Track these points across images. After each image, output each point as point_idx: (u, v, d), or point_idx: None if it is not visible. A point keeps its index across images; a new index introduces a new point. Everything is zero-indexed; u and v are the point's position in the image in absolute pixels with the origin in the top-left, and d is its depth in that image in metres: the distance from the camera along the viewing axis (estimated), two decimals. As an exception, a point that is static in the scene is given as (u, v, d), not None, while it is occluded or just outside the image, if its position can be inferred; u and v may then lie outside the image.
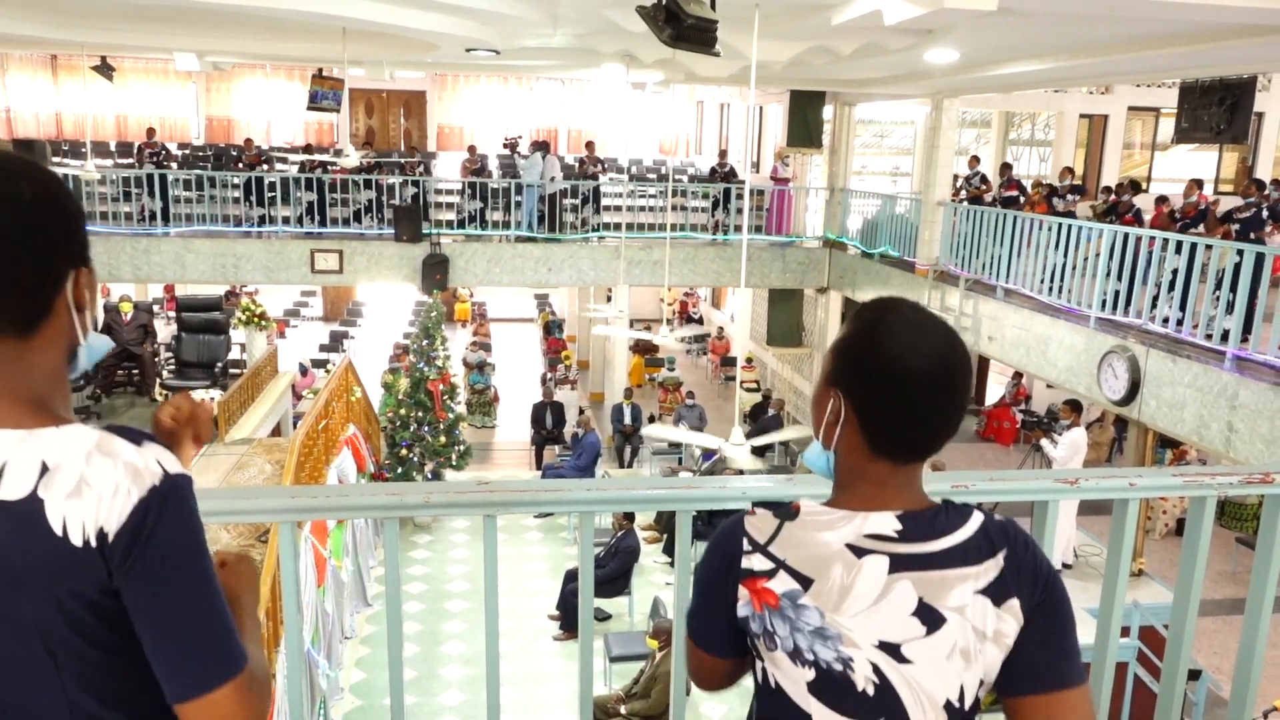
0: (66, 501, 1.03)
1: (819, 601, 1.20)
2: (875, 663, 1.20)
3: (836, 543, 1.21)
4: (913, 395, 1.20)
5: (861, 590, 1.19)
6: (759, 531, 1.25)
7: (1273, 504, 2.13)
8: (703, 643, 1.36)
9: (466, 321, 26.39)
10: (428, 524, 12.03)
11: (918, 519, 1.22)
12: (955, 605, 1.20)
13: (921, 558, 1.20)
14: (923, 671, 1.20)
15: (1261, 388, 7.24)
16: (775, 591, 1.22)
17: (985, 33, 8.51)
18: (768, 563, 1.23)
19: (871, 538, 1.21)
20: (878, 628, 1.19)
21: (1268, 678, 8.14)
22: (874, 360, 1.22)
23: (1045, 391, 17.08)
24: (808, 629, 1.20)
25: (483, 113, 22.48)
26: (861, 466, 1.25)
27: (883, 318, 1.24)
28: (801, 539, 1.22)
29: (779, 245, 15.88)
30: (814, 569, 1.21)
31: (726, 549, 1.28)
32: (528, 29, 9.60)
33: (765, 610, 1.23)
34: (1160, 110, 17.54)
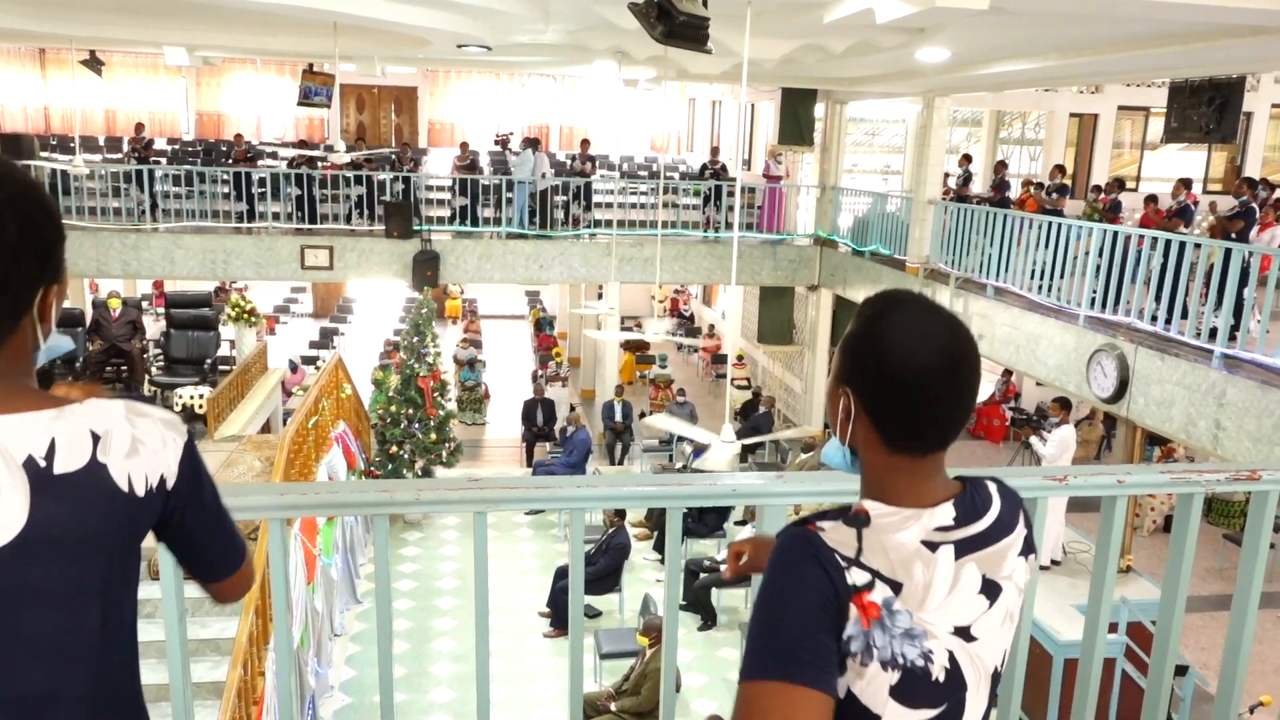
0: (127, 461, 1.20)
1: (908, 604, 1.19)
2: (950, 649, 1.21)
3: (913, 542, 1.21)
4: (918, 393, 1.21)
5: (939, 583, 1.21)
6: (842, 545, 1.19)
7: (1259, 501, 2.15)
8: (815, 680, 1.14)
9: (457, 318, 26.35)
10: (418, 521, 12.02)
11: (962, 502, 1.25)
12: (1007, 574, 1.26)
13: (977, 538, 1.24)
14: (985, 644, 1.24)
15: (1249, 386, 7.28)
16: (877, 603, 1.17)
17: (976, 31, 8.53)
18: (866, 575, 1.18)
19: (939, 530, 1.22)
20: (953, 615, 1.21)
21: (1254, 673, 8.20)
22: (876, 360, 1.22)
23: (1035, 389, 17.15)
24: (900, 633, 1.18)
25: (474, 109, 22.44)
26: (885, 461, 1.25)
27: (885, 314, 1.24)
28: (883, 544, 1.20)
29: (770, 243, 15.89)
30: (901, 572, 1.19)
31: (823, 570, 1.17)
32: (519, 25, 9.58)
33: (871, 625, 1.17)
34: (1150, 110, 17.61)
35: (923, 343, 1.20)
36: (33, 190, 1.18)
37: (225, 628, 7.50)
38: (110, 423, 1.20)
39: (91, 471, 1.17)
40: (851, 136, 19.16)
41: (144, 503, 1.22)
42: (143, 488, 1.21)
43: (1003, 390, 18.06)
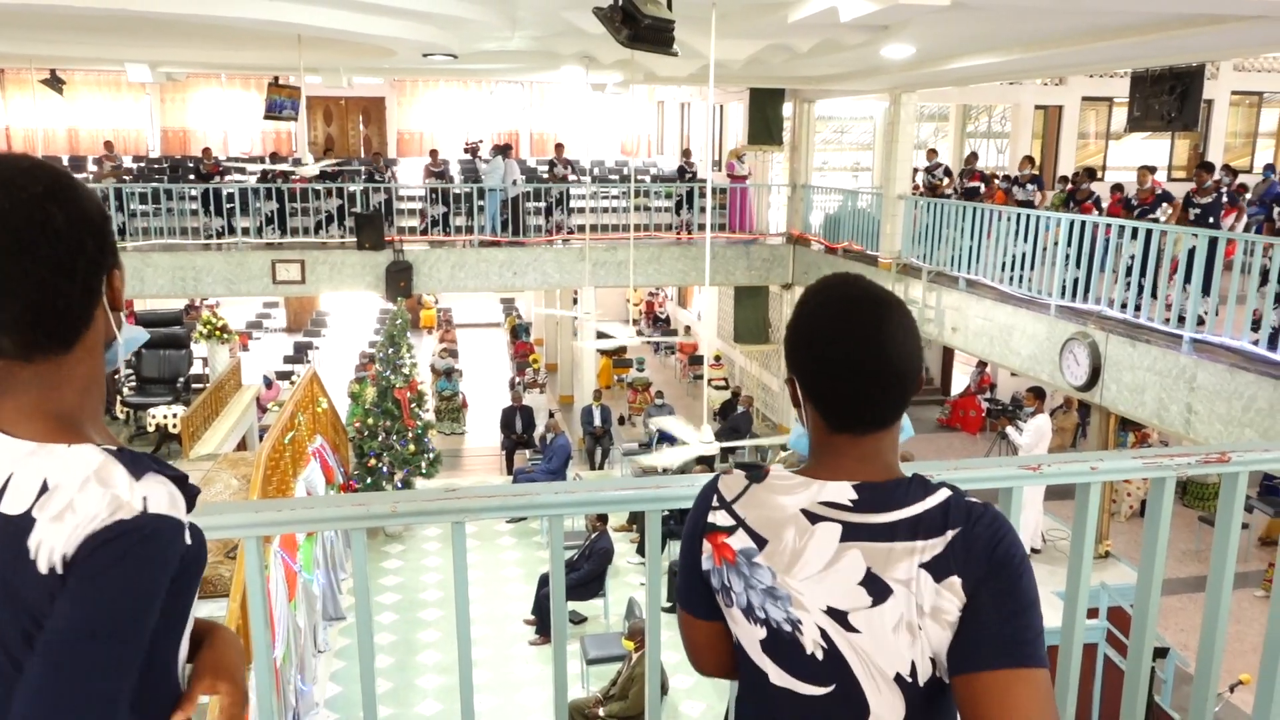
0: (50, 524, 0.99)
1: (771, 562, 1.24)
2: (823, 628, 1.22)
3: (792, 507, 1.25)
4: (841, 376, 1.23)
5: (812, 555, 1.22)
6: (729, 490, 1.32)
7: (1229, 483, 2.17)
8: (683, 602, 1.43)
9: (432, 328, 26.23)
10: (399, 533, 11.95)
11: (875, 490, 1.23)
12: (901, 578, 1.19)
13: (873, 528, 1.20)
14: (870, 642, 1.21)
15: (1219, 369, 7.38)
16: (733, 547, 1.28)
17: (940, 27, 8.59)
18: (730, 519, 1.30)
19: (826, 505, 1.23)
20: (826, 593, 1.22)
21: (1234, 652, 8.31)
22: (804, 347, 1.27)
23: (1009, 380, 17.29)
24: (760, 587, 1.25)
25: (443, 117, 22.36)
26: (825, 440, 1.29)
27: (811, 302, 1.28)
28: (763, 500, 1.28)
29: (743, 243, 15.94)
30: (769, 530, 1.25)
31: (699, 505, 1.36)
32: (486, 32, 9.56)
33: (724, 565, 1.30)
34: (1113, 100, 17.82)
35: (842, 328, 1.23)
36: (65, 176, 1.09)
37: (207, 648, 7.40)
38: (67, 477, 1.01)
39: (21, 522, 1.00)
40: (820, 135, 19.25)
41: (45, 583, 0.98)
42: (45, 564, 0.98)
43: (978, 381, 18.20)
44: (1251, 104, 18.73)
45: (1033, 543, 9.37)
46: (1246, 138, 19.01)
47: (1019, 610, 1.19)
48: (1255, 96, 18.58)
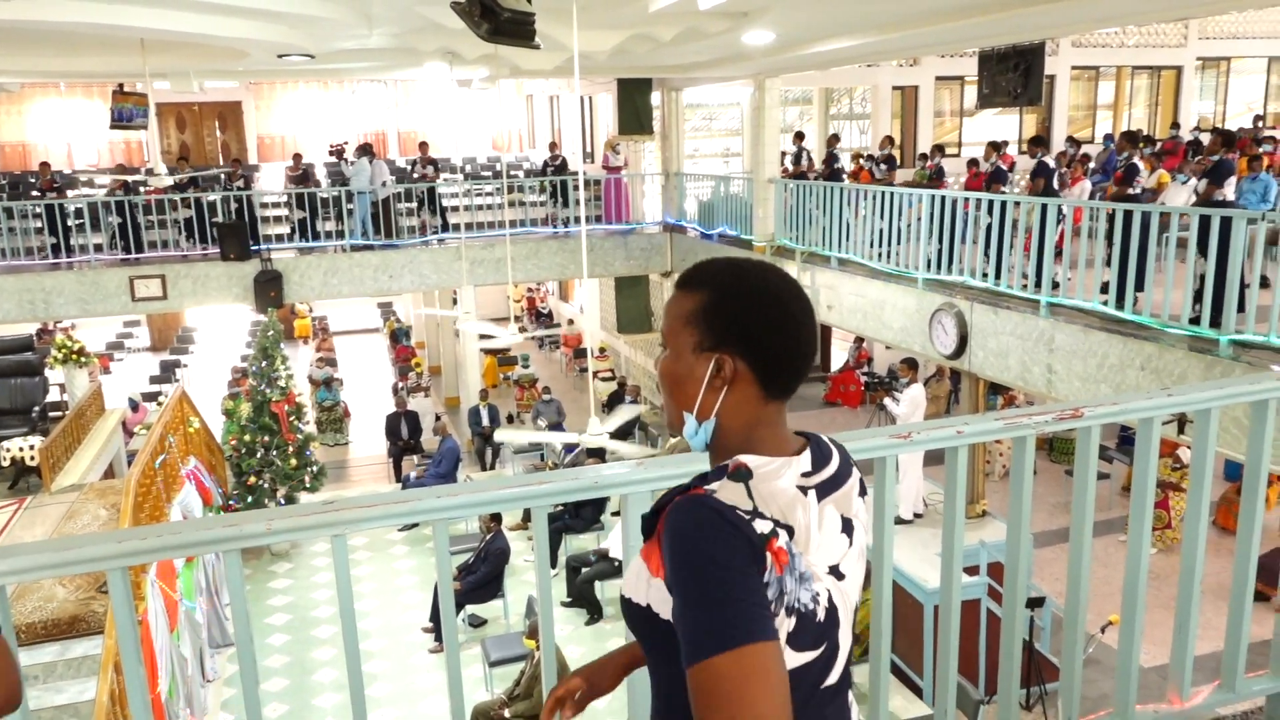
0: None
1: (800, 546, 1.21)
2: (830, 589, 1.25)
3: (790, 488, 1.23)
4: (802, 330, 1.28)
5: (814, 525, 1.24)
6: (738, 499, 1.18)
7: (1084, 436, 2.29)
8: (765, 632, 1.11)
9: (308, 338, 25.46)
10: (286, 551, 11.57)
11: (813, 449, 1.30)
12: (855, 511, 1.32)
13: (830, 481, 1.29)
14: (849, 581, 1.29)
15: (1074, 330, 7.80)
16: (784, 548, 1.17)
17: (797, 13, 8.79)
18: (768, 523, 1.17)
19: (804, 475, 1.26)
20: (827, 555, 1.25)
21: (1104, 595, 8.80)
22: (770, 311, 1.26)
23: (885, 353, 17.90)
24: (798, 575, 1.18)
25: (305, 120, 21.67)
26: (757, 415, 1.29)
27: (744, 274, 1.29)
28: (771, 491, 1.21)
29: (620, 233, 15.99)
30: (790, 516, 1.21)
31: (733, 527, 1.14)
32: (341, 31, 9.30)
33: (784, 571, 1.17)
34: (964, 78, 18.57)
35: (792, 286, 1.30)
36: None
37: (84, 689, 7.02)
38: None
39: None
40: (690, 122, 19.47)
41: None
42: None
43: (855, 357, 18.76)
44: (1090, 78, 19.82)
45: (915, 508, 9.72)
46: (1088, 110, 20.10)
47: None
48: (1093, 71, 19.67)
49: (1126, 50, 19.41)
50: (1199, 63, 19.99)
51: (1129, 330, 7.39)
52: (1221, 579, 2.58)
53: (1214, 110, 20.60)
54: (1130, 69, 19.85)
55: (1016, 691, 2.41)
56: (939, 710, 2.31)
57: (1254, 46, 20.11)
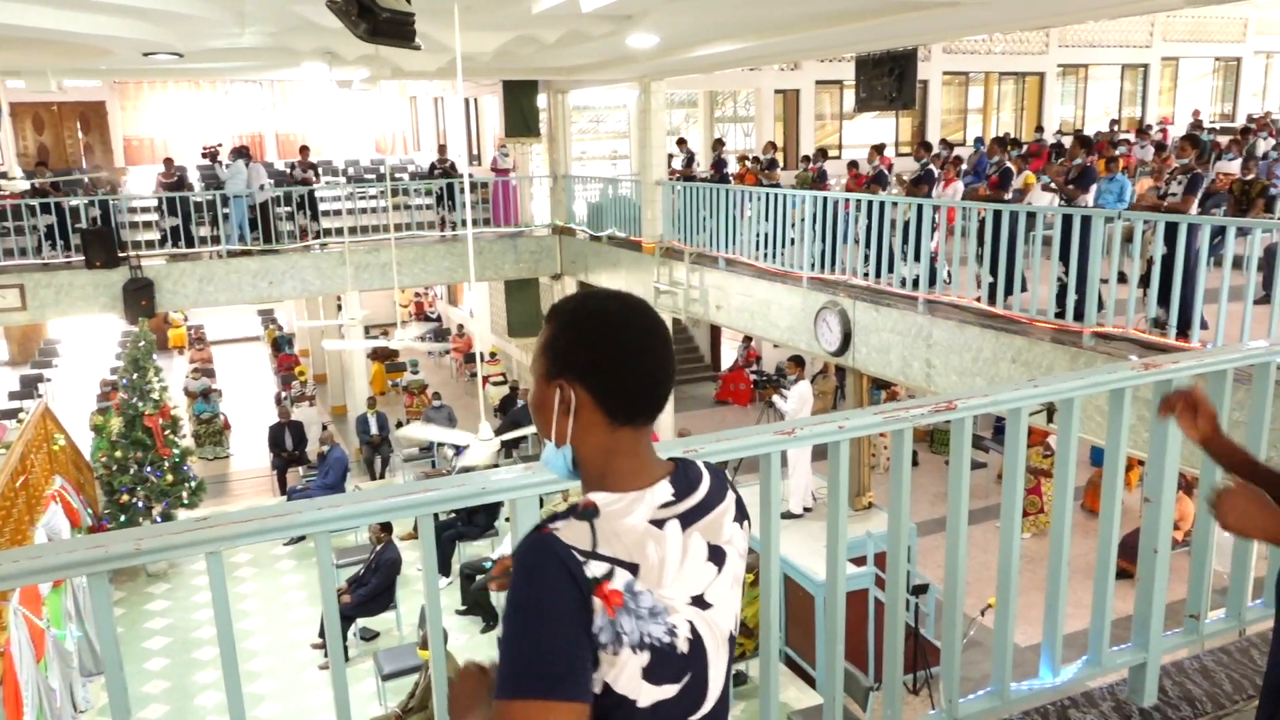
0: None
1: (647, 582, 1.22)
2: (691, 620, 1.25)
3: (641, 523, 1.24)
4: (643, 362, 1.27)
5: (671, 557, 1.25)
6: (579, 540, 1.19)
7: (958, 427, 2.39)
8: (573, 693, 1.14)
9: (183, 348, 24.44)
10: (163, 571, 11.07)
11: (677, 477, 1.31)
12: (726, 539, 1.32)
13: (697, 509, 1.30)
14: (718, 610, 1.29)
15: (949, 326, 8.11)
16: (619, 590, 1.19)
17: (680, 16, 8.88)
18: (604, 565, 1.19)
19: (662, 507, 1.27)
20: (687, 585, 1.26)
21: (984, 580, 9.16)
22: (601, 338, 1.27)
23: (773, 351, 18.24)
24: (645, 613, 1.21)
25: (175, 121, 20.79)
26: (608, 444, 1.29)
27: (587, 305, 1.31)
28: (616, 530, 1.22)
29: (508, 236, 15.87)
30: (636, 554, 1.22)
31: (564, 570, 1.17)
32: (211, 29, 8.95)
33: (616, 614, 1.18)
34: (843, 83, 19.09)
35: (638, 322, 1.29)
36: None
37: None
38: None
39: None
40: (577, 124, 19.45)
41: None
42: None
43: (744, 355, 19.08)
44: (961, 83, 20.66)
45: (805, 502, 9.94)
46: (959, 113, 20.95)
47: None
48: (963, 76, 20.51)
49: (994, 57, 20.30)
50: (1060, 69, 21.08)
51: (1001, 325, 7.73)
52: (1090, 559, 2.72)
53: (1075, 114, 21.73)
54: (997, 75, 20.78)
55: (901, 676, 2.49)
56: (826, 698, 2.37)
57: (1109, 55, 21.32)
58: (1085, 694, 2.78)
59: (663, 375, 1.30)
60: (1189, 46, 21.82)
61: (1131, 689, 2.77)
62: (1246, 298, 6.35)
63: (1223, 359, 2.66)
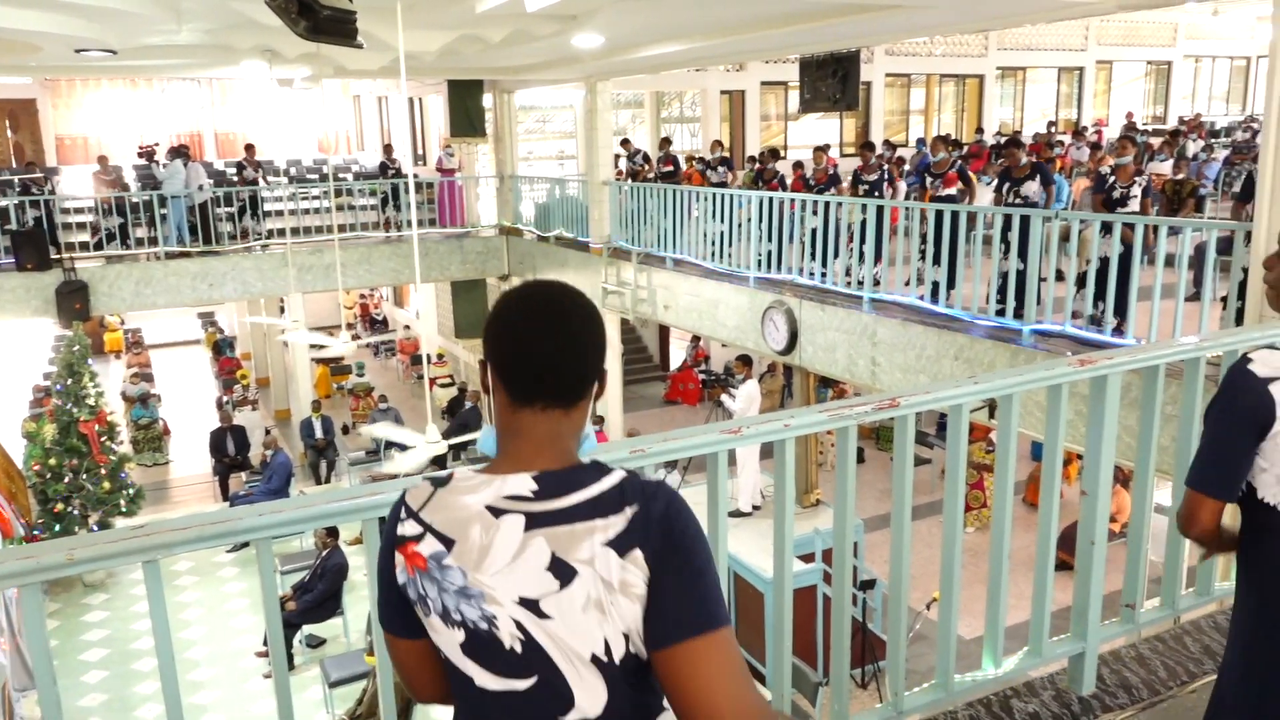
0: None
1: (461, 561, 1.26)
2: (518, 620, 1.25)
3: (477, 505, 1.27)
4: (527, 337, 1.30)
5: (500, 549, 1.24)
6: (415, 500, 1.32)
7: (901, 424, 2.42)
8: (383, 622, 1.41)
9: (120, 352, 23.85)
10: (101, 581, 10.79)
11: (554, 477, 1.28)
12: (584, 558, 1.22)
13: (554, 514, 1.24)
14: (563, 626, 1.24)
15: (894, 324, 8.22)
16: (423, 554, 1.28)
17: (625, 16, 8.88)
18: (418, 527, 1.30)
19: (510, 498, 1.26)
20: (517, 585, 1.24)
21: (930, 574, 9.30)
22: (495, 326, 1.34)
23: (721, 350, 18.34)
24: (453, 589, 1.26)
25: (110, 120, 20.26)
26: (509, 422, 1.33)
27: (509, 292, 1.38)
28: (448, 503, 1.29)
29: (455, 237, 15.74)
30: (455, 530, 1.27)
31: (390, 521, 1.35)
32: (147, 26, 8.74)
33: (416, 574, 1.29)
34: (788, 84, 19.29)
35: (527, 306, 1.33)
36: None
37: None
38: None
39: None
40: (523, 124, 19.37)
41: None
42: None
43: (693, 355, 19.15)
44: (903, 85, 20.97)
45: (754, 500, 10.01)
46: (901, 115, 21.26)
47: (696, 577, 1.24)
48: (905, 78, 20.82)
49: (934, 59, 20.65)
50: (999, 72, 21.50)
51: (943, 323, 7.86)
52: (1031, 552, 2.78)
53: (1013, 116, 22.18)
54: (938, 77, 21.14)
55: (848, 670, 2.51)
56: (774, 693, 2.38)
57: (1046, 58, 21.80)
58: (1027, 684, 2.83)
59: (548, 354, 1.30)
60: (1122, 51, 22.42)
61: (1071, 678, 2.83)
62: (1178, 295, 6.53)
63: (1155, 355, 2.73)
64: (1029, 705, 2.74)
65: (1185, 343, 2.82)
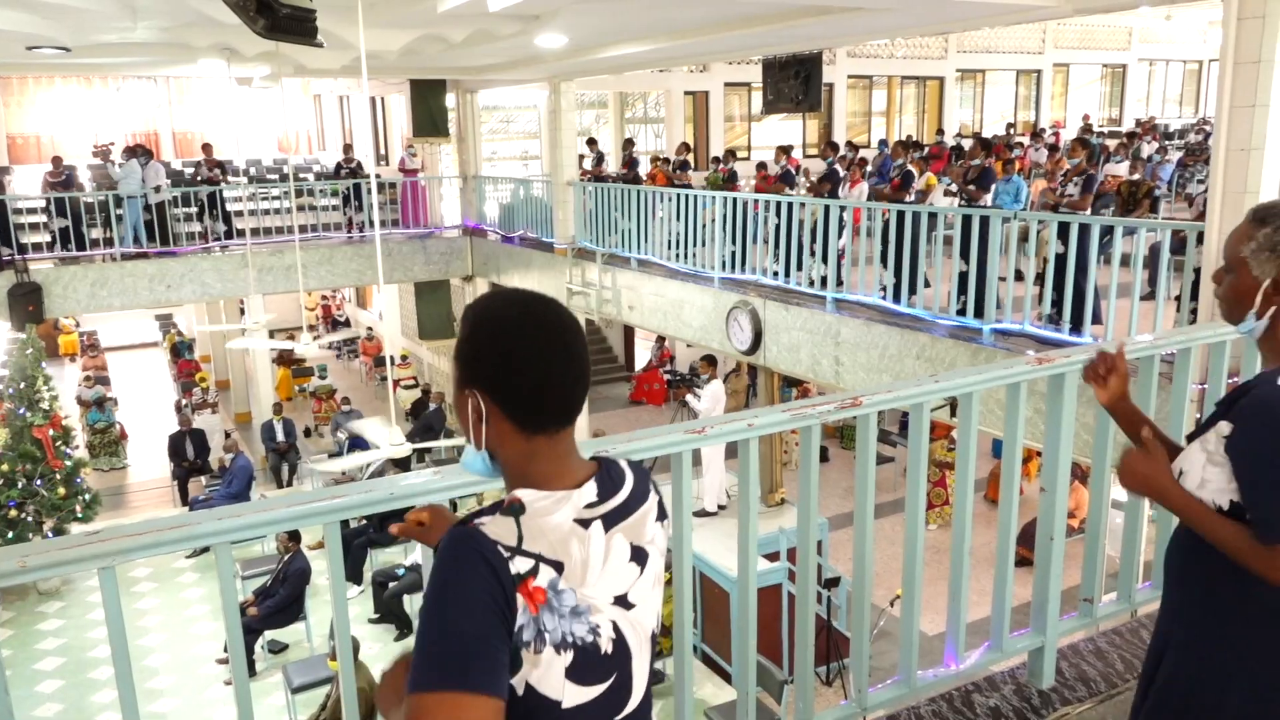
0: None
1: (570, 581, 1.22)
2: (614, 620, 1.26)
3: (566, 522, 1.24)
4: (542, 374, 1.25)
5: (595, 557, 1.25)
6: (504, 535, 1.19)
7: (863, 422, 2.44)
8: (486, 685, 1.12)
9: (75, 355, 23.42)
10: (56, 588, 10.58)
11: (601, 479, 1.30)
12: (649, 539, 1.33)
13: (620, 510, 1.30)
14: (641, 609, 1.30)
15: (857, 324, 8.28)
16: (543, 587, 1.19)
17: (588, 17, 8.87)
18: (529, 561, 1.18)
19: (588, 507, 1.27)
20: (611, 585, 1.26)
21: (893, 571, 9.40)
22: (501, 353, 1.25)
23: (686, 351, 18.38)
24: (568, 612, 1.21)
25: (64, 119, 19.88)
26: (524, 449, 1.28)
27: (489, 309, 1.28)
28: (541, 527, 1.22)
29: (418, 237, 15.64)
30: (561, 552, 1.22)
31: (488, 565, 1.16)
32: (102, 23, 8.59)
33: (540, 610, 1.18)
34: (751, 85, 19.35)
35: (536, 329, 1.26)
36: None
37: None
38: None
39: None
40: (487, 125, 19.28)
41: None
42: None
43: (659, 356, 19.17)
44: (865, 86, 21.14)
45: (719, 500, 10.04)
46: (864, 116, 21.43)
47: None
48: (867, 80, 20.99)
49: (896, 61, 20.83)
50: (958, 74, 21.74)
51: (905, 322, 7.93)
52: (992, 549, 2.81)
53: (973, 118, 22.44)
54: (900, 79, 21.32)
55: (812, 668, 2.53)
56: (740, 692, 2.39)
57: (1004, 60, 22.08)
58: (988, 678, 2.87)
59: (568, 381, 1.26)
60: (1079, 54, 22.76)
61: (1031, 672, 2.87)
62: (1134, 294, 6.64)
63: (1111, 353, 2.77)
64: (990, 700, 2.77)
65: (1140, 340, 2.87)
